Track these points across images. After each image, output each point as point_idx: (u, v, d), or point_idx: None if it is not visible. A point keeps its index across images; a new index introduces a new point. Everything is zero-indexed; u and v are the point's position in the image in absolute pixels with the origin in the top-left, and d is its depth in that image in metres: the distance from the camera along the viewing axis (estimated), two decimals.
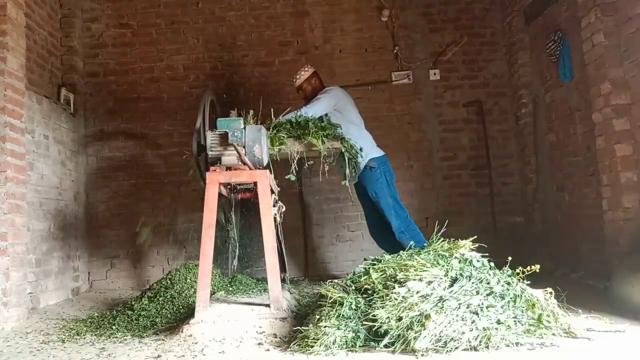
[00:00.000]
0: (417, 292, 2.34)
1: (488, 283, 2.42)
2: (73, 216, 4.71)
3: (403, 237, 3.86)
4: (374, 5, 5.24)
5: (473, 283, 2.40)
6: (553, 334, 2.35)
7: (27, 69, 3.79)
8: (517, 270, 2.59)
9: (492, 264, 2.63)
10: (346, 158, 3.56)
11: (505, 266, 2.61)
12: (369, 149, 3.89)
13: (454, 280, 2.43)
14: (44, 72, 4.45)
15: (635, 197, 3.37)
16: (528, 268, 2.55)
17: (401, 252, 2.89)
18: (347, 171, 3.57)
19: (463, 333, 2.22)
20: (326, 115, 3.92)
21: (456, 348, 2.19)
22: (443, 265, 2.53)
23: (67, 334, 2.99)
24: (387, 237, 4.20)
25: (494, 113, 5.18)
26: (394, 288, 2.40)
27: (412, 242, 3.43)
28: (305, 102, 4.08)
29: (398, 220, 3.91)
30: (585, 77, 3.78)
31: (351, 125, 3.91)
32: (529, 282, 2.56)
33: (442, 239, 2.90)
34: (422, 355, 2.18)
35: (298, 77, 4.08)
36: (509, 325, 2.28)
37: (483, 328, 2.24)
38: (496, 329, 2.25)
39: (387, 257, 2.80)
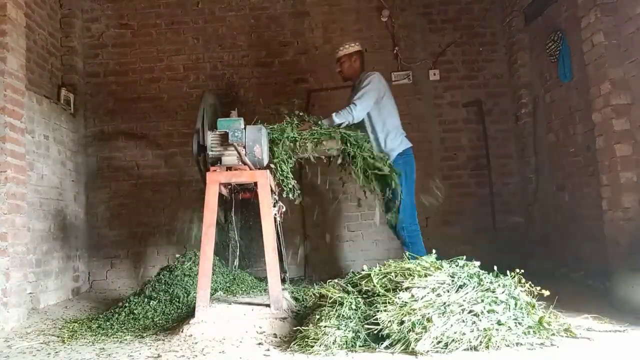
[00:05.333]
0: (422, 298, 2.32)
1: (493, 291, 2.39)
2: (73, 216, 4.71)
3: (401, 233, 3.81)
4: (374, 5, 5.24)
5: (479, 291, 2.38)
6: (553, 334, 2.34)
7: (27, 69, 3.79)
8: (519, 276, 2.57)
9: (495, 267, 2.63)
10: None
11: (507, 271, 2.59)
12: (396, 145, 3.87)
13: (460, 287, 2.41)
14: (44, 72, 4.45)
15: (635, 197, 3.37)
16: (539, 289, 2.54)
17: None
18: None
19: (464, 334, 2.22)
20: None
21: (457, 348, 2.19)
22: (447, 270, 2.52)
23: (67, 334, 2.99)
24: None
25: (493, 113, 5.18)
26: (397, 292, 2.39)
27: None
28: (341, 75, 4.11)
29: (404, 215, 3.81)
30: (585, 77, 3.78)
31: (387, 119, 3.91)
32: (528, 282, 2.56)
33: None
34: (422, 355, 2.18)
35: (342, 48, 4.07)
36: (509, 327, 2.28)
37: (484, 329, 2.24)
38: (497, 329, 2.25)
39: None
